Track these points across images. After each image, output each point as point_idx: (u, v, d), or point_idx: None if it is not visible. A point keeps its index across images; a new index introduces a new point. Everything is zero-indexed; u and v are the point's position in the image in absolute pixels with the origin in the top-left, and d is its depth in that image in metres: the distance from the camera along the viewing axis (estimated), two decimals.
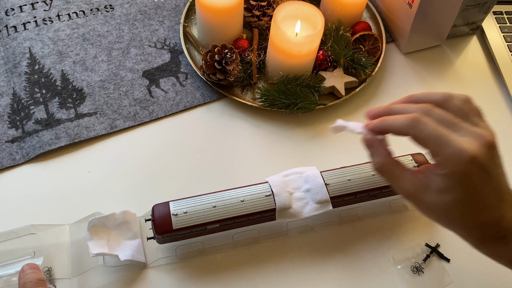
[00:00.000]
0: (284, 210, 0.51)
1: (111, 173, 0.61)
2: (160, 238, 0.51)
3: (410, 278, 0.55)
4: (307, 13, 0.64)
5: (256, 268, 0.55)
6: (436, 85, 0.73)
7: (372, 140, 0.45)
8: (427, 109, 0.42)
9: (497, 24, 0.79)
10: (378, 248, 0.57)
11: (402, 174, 0.43)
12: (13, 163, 0.61)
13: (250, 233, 0.56)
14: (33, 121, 0.63)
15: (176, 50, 0.72)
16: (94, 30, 0.73)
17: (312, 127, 0.67)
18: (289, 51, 0.62)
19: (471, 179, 0.40)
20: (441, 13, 0.69)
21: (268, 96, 0.65)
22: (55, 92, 0.66)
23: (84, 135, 0.63)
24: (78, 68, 0.69)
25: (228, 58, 0.64)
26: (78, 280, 0.52)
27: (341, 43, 0.69)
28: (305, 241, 0.57)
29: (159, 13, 0.76)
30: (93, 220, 0.51)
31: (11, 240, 0.52)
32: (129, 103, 0.66)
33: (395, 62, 0.75)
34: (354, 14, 0.73)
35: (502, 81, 0.73)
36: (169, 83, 0.69)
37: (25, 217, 0.57)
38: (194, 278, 0.54)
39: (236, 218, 0.51)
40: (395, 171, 0.44)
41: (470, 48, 0.78)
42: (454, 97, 0.44)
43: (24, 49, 0.70)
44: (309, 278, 0.55)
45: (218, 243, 0.56)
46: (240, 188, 0.52)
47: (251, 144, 0.65)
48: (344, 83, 0.67)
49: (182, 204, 0.51)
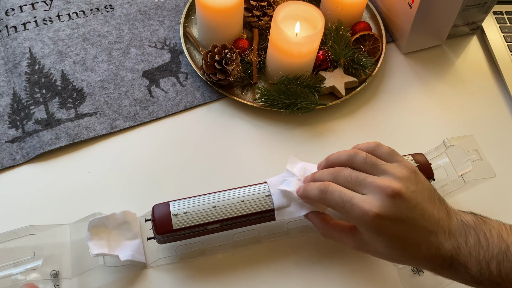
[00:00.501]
0: (282, 209, 0.51)
1: (111, 173, 0.61)
2: (160, 238, 0.51)
3: (410, 278, 0.55)
4: (307, 13, 0.64)
5: (256, 268, 0.55)
6: (436, 85, 0.73)
7: (308, 214, 0.51)
8: (336, 173, 0.47)
9: (497, 24, 0.79)
10: None
11: (341, 237, 0.48)
12: (13, 163, 0.61)
13: (250, 233, 0.56)
14: (33, 121, 0.63)
15: (176, 50, 0.72)
16: (94, 30, 0.73)
17: (312, 127, 0.67)
18: (289, 51, 0.62)
19: (386, 230, 0.43)
20: (441, 13, 0.69)
21: (268, 96, 0.65)
22: (55, 92, 0.66)
23: (84, 135, 0.63)
24: (78, 68, 0.69)
25: (228, 58, 0.64)
26: (78, 280, 0.52)
27: (341, 43, 0.69)
28: (305, 241, 0.57)
29: (159, 13, 0.76)
30: (93, 220, 0.51)
31: (11, 240, 0.52)
32: (129, 103, 0.66)
33: (395, 62, 0.75)
34: (354, 14, 0.73)
35: (502, 81, 0.73)
36: (169, 83, 0.69)
37: (25, 217, 0.57)
38: (194, 278, 0.54)
39: (236, 218, 0.51)
40: (335, 237, 0.49)
41: (470, 48, 0.78)
42: (357, 153, 0.47)
43: (24, 49, 0.70)
44: (309, 278, 0.55)
45: (218, 243, 0.56)
46: (240, 188, 0.52)
47: (251, 144, 0.65)
48: (344, 83, 0.67)
49: (182, 204, 0.51)
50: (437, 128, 0.68)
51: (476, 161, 0.57)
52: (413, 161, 0.55)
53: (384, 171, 0.45)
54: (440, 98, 0.71)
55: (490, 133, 0.68)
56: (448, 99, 0.72)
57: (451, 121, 0.69)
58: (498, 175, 0.57)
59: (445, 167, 0.59)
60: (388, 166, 0.46)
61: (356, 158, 0.47)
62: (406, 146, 0.64)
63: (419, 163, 0.55)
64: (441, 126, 0.69)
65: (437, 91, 0.72)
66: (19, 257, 0.51)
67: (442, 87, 0.73)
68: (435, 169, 0.57)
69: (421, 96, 0.71)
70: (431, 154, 0.60)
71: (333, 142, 0.65)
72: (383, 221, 0.42)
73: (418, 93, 0.72)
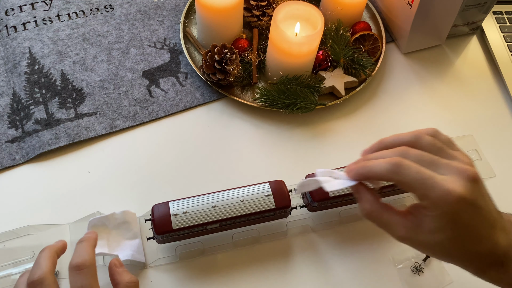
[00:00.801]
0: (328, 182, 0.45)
1: (111, 173, 0.61)
2: (159, 238, 0.51)
3: (410, 278, 0.55)
4: (307, 13, 0.64)
5: (256, 268, 0.55)
6: (436, 85, 0.73)
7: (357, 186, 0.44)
8: (404, 151, 0.42)
9: (497, 24, 0.79)
10: (378, 248, 0.57)
11: (391, 219, 0.43)
12: (13, 163, 0.61)
13: (250, 233, 0.56)
14: (33, 121, 0.63)
15: (176, 50, 0.72)
16: (94, 30, 0.73)
17: (312, 127, 0.67)
18: (289, 51, 0.62)
19: (462, 216, 0.40)
20: (441, 13, 0.69)
21: (268, 96, 0.65)
22: (55, 92, 0.66)
23: (84, 135, 0.63)
24: (78, 68, 0.69)
25: (228, 58, 0.64)
26: None
27: (341, 43, 0.69)
28: (305, 241, 0.57)
29: (159, 13, 0.76)
30: (93, 220, 0.51)
31: (11, 240, 0.52)
32: (129, 103, 0.66)
33: (395, 62, 0.75)
34: (354, 14, 0.73)
35: (502, 81, 0.73)
36: (169, 83, 0.69)
37: (25, 217, 0.57)
38: (194, 278, 0.54)
39: (236, 218, 0.51)
40: (383, 217, 0.43)
41: (470, 48, 0.78)
42: (423, 134, 0.44)
43: (24, 49, 0.70)
44: (309, 278, 0.55)
45: (218, 243, 0.56)
46: (240, 188, 0.52)
47: (251, 144, 0.65)
48: (344, 83, 0.67)
49: (182, 204, 0.51)
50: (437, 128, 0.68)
51: (476, 161, 0.57)
52: None
53: (452, 156, 0.42)
54: (440, 98, 0.71)
55: (490, 133, 0.68)
56: (448, 99, 0.72)
57: (451, 121, 0.69)
58: (498, 175, 0.57)
59: None
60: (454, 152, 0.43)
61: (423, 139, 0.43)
62: None
63: None
64: (441, 126, 0.68)
65: (437, 91, 0.72)
66: (19, 257, 0.51)
67: (442, 87, 0.73)
68: None
69: (421, 96, 0.71)
70: None
71: (333, 142, 0.65)
72: (463, 205, 0.39)
73: (417, 93, 0.72)
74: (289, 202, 0.52)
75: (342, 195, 0.53)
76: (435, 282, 0.55)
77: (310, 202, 0.54)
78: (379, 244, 0.57)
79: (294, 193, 0.55)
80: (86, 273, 0.42)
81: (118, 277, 0.45)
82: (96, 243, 0.47)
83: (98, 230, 0.51)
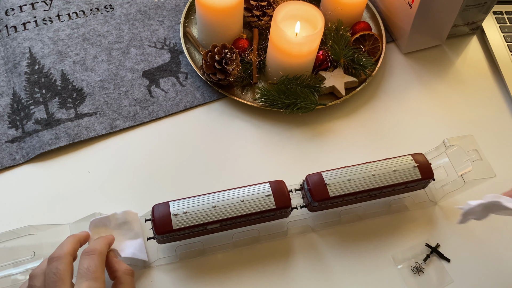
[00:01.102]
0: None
1: (111, 173, 0.61)
2: (160, 238, 0.51)
3: (410, 278, 0.55)
4: (307, 13, 0.64)
5: (256, 268, 0.55)
6: (436, 85, 0.73)
7: None
8: None
9: (497, 24, 0.79)
10: (378, 248, 0.57)
11: None
12: (13, 163, 0.61)
13: (250, 233, 0.56)
14: (33, 121, 0.63)
15: (176, 50, 0.72)
16: (94, 30, 0.73)
17: (312, 127, 0.67)
18: (289, 51, 0.62)
19: None
20: (441, 13, 0.69)
21: (268, 96, 0.65)
22: (55, 92, 0.66)
23: (84, 135, 0.63)
24: (78, 68, 0.69)
25: (228, 58, 0.64)
26: None
27: (341, 43, 0.69)
28: (305, 241, 0.57)
29: (159, 13, 0.76)
30: (94, 220, 0.51)
31: (11, 240, 0.52)
32: (129, 103, 0.66)
33: (395, 62, 0.75)
34: (354, 14, 0.73)
35: (502, 81, 0.73)
36: (169, 83, 0.69)
37: (25, 217, 0.57)
38: (194, 278, 0.54)
39: (236, 218, 0.51)
40: None
41: (470, 48, 0.78)
42: None
43: (24, 49, 0.70)
44: (309, 278, 0.55)
45: (218, 243, 0.56)
46: (240, 188, 0.52)
47: (251, 144, 0.65)
48: (344, 83, 0.67)
49: (182, 204, 0.51)
50: (437, 128, 0.68)
51: (476, 161, 0.57)
52: (413, 161, 0.55)
53: None
54: (440, 98, 0.71)
55: (490, 133, 0.68)
56: (448, 99, 0.72)
57: (451, 121, 0.69)
58: (498, 175, 0.57)
59: (445, 167, 0.59)
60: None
61: None
62: (406, 146, 0.65)
63: (419, 163, 0.55)
64: (441, 126, 0.69)
65: (437, 91, 0.72)
66: (19, 257, 0.51)
67: (442, 87, 0.73)
68: (435, 169, 0.57)
69: (421, 96, 0.71)
70: (431, 154, 0.60)
71: (333, 142, 0.65)
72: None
73: (418, 93, 0.72)
74: (289, 202, 0.52)
75: (343, 195, 0.53)
76: (436, 282, 0.55)
77: (310, 202, 0.54)
78: (379, 244, 0.57)
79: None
80: (95, 258, 0.45)
81: (116, 265, 0.48)
82: (112, 242, 0.50)
83: (100, 230, 0.51)
